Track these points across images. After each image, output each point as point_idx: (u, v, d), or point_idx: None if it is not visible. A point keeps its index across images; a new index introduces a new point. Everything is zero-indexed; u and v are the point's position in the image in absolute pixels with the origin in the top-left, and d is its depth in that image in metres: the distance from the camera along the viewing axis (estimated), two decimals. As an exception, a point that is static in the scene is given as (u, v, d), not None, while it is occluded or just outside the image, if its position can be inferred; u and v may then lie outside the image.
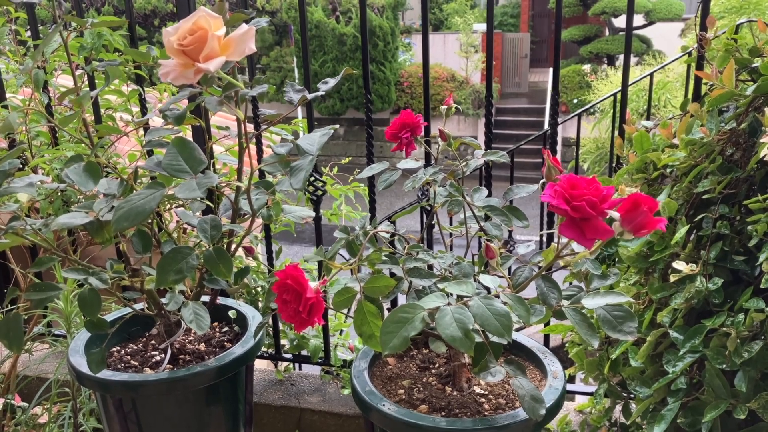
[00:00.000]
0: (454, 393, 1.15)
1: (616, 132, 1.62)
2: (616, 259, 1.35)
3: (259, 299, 1.94)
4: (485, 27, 1.54)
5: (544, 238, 3.61)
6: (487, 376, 0.96)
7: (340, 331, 2.05)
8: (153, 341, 1.41)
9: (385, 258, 1.09)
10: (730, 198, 1.14)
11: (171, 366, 1.30)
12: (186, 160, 1.04)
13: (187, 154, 1.04)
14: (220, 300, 1.51)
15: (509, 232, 1.24)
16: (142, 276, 1.27)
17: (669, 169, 1.26)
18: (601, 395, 1.32)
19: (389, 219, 2.52)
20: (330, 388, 1.90)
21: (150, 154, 1.65)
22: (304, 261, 1.33)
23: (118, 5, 12.07)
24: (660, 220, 0.83)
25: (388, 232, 1.16)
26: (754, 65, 1.22)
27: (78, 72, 1.56)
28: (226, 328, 1.49)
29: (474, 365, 0.99)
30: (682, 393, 1.11)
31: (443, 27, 15.43)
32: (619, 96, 1.60)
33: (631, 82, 3.04)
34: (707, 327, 1.08)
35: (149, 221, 1.27)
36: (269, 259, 1.83)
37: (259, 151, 1.75)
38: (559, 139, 1.69)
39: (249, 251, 1.55)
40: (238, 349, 1.31)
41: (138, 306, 1.37)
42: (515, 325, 0.90)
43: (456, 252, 1.16)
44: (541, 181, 1.01)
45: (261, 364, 2.33)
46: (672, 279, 1.14)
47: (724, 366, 1.04)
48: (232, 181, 1.21)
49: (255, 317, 1.44)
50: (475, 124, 12.36)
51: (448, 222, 2.02)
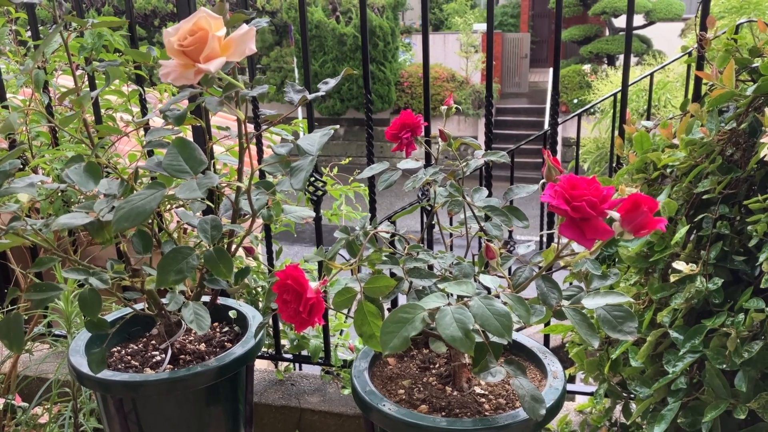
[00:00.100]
0: (455, 393, 1.15)
1: (617, 132, 1.62)
2: (616, 259, 1.35)
3: (259, 299, 1.95)
4: (485, 27, 1.54)
5: (544, 238, 3.61)
6: (487, 376, 0.97)
7: (341, 331, 2.05)
8: (153, 341, 1.41)
9: (385, 258, 1.10)
10: (730, 198, 1.14)
11: (171, 366, 1.30)
12: (186, 160, 1.04)
13: (188, 154, 1.04)
14: (221, 300, 1.51)
15: (509, 232, 1.24)
16: (143, 276, 1.27)
17: (669, 169, 1.26)
18: (601, 395, 1.32)
19: (389, 219, 2.52)
20: (330, 388, 1.91)
21: (150, 154, 1.65)
22: (305, 261, 1.33)
23: (118, 5, 12.07)
24: (660, 220, 0.83)
25: (388, 233, 1.16)
26: (754, 65, 1.22)
27: (78, 72, 1.56)
28: (226, 328, 1.49)
29: (474, 365, 0.99)
30: (682, 393, 1.11)
31: (443, 27, 15.44)
32: (619, 96, 1.60)
33: (631, 82, 3.04)
34: (707, 327, 1.08)
35: (150, 221, 1.27)
36: (269, 260, 1.83)
37: (260, 151, 1.75)
38: (559, 139, 1.69)
39: (249, 251, 1.55)
40: (238, 349, 1.31)
41: (138, 306, 1.37)
42: (515, 325, 0.90)
43: (456, 252, 1.16)
44: (542, 181, 1.01)
45: (261, 364, 2.33)
46: (672, 279, 1.14)
47: (724, 366, 1.04)
48: (233, 181, 1.21)
49: (255, 317, 1.44)
50: (476, 124, 12.37)
51: (449, 222, 2.02)
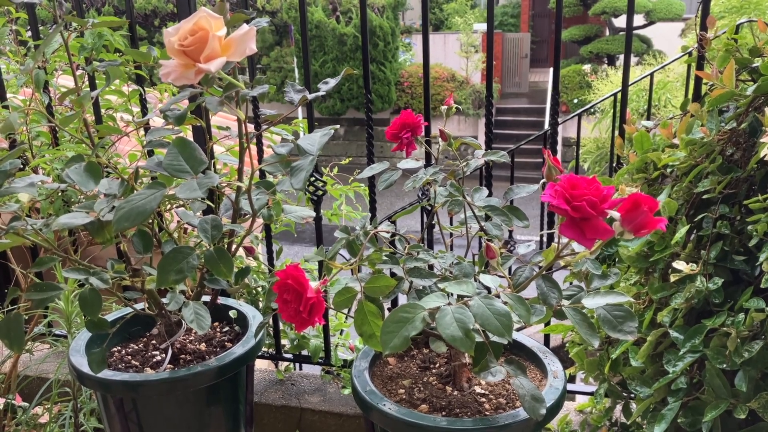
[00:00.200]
0: (455, 393, 1.15)
1: (617, 132, 1.62)
2: (616, 258, 1.35)
3: (259, 299, 1.95)
4: (485, 27, 1.54)
5: (544, 238, 3.61)
6: (487, 375, 0.97)
7: (341, 331, 2.05)
8: (154, 341, 1.41)
9: (385, 258, 1.10)
10: (730, 198, 1.14)
11: (172, 366, 1.30)
12: (187, 160, 1.04)
13: (188, 154, 1.04)
14: (221, 300, 1.51)
15: (509, 232, 1.24)
16: (143, 276, 1.27)
17: (669, 169, 1.26)
18: (601, 395, 1.32)
19: (390, 219, 2.52)
20: (330, 388, 1.91)
21: (151, 154, 1.65)
22: (305, 261, 1.33)
23: (118, 5, 12.07)
24: (660, 220, 0.83)
25: (388, 232, 1.16)
26: (755, 65, 1.22)
27: (78, 72, 1.56)
28: (226, 328, 1.49)
29: (474, 365, 0.99)
30: (683, 393, 1.11)
31: (443, 27, 15.44)
32: (620, 96, 1.60)
33: (631, 82, 3.04)
34: (707, 327, 1.08)
35: (150, 221, 1.27)
36: (270, 259, 1.83)
37: (260, 151, 1.75)
38: (559, 139, 1.69)
39: (250, 251, 1.55)
40: (238, 349, 1.31)
41: (139, 306, 1.37)
42: (515, 325, 0.91)
43: (456, 252, 1.16)
44: (542, 181, 1.01)
45: (261, 364, 2.33)
46: (672, 279, 1.14)
47: (725, 366, 1.04)
48: (233, 181, 1.21)
49: (255, 317, 1.44)
50: (476, 124, 12.37)
51: (449, 222, 2.02)
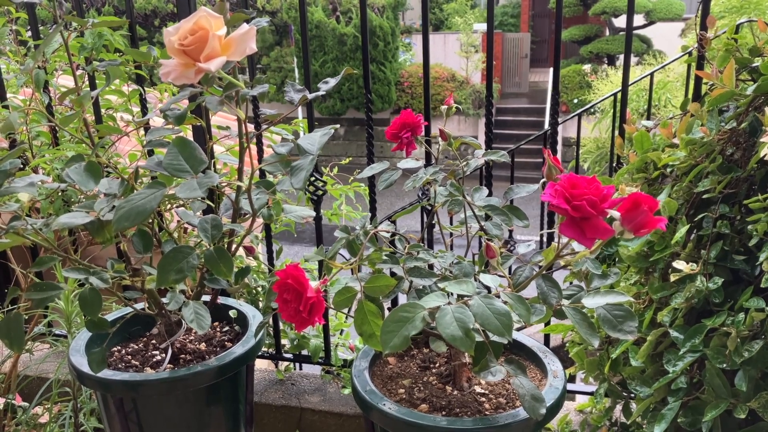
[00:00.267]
0: (455, 392, 1.15)
1: (617, 132, 1.62)
2: (616, 258, 1.35)
3: (259, 299, 1.95)
4: (485, 27, 1.54)
5: (544, 237, 3.61)
6: (487, 375, 0.97)
7: (341, 330, 2.05)
8: (154, 341, 1.41)
9: (385, 257, 1.10)
10: (730, 197, 1.14)
11: (172, 365, 1.30)
12: (187, 159, 1.04)
13: (188, 153, 1.04)
14: (221, 299, 1.51)
15: (509, 231, 1.24)
16: (143, 275, 1.27)
17: (669, 169, 1.26)
18: (601, 395, 1.32)
19: (390, 219, 2.52)
20: (330, 387, 1.91)
21: (151, 153, 1.65)
22: (305, 260, 1.33)
23: (118, 5, 12.08)
24: (660, 220, 0.83)
25: (388, 232, 1.16)
26: (755, 65, 1.22)
27: (79, 72, 1.56)
28: (226, 328, 1.49)
29: (474, 364, 0.99)
30: (683, 392, 1.11)
31: (443, 27, 15.44)
32: (620, 96, 1.60)
33: (631, 82, 3.04)
34: (707, 326, 1.08)
35: (150, 221, 1.27)
36: (270, 259, 1.83)
37: (260, 150, 1.75)
38: (559, 138, 1.69)
39: (250, 251, 1.55)
40: (238, 349, 1.31)
41: (139, 306, 1.37)
42: (515, 325, 0.91)
43: (456, 251, 1.16)
44: (542, 180, 1.01)
45: (261, 364, 2.33)
46: (672, 278, 1.14)
47: (725, 365, 1.04)
48: (233, 180, 1.21)
49: (255, 317, 1.44)
50: (476, 124, 12.37)
51: (449, 222, 2.02)
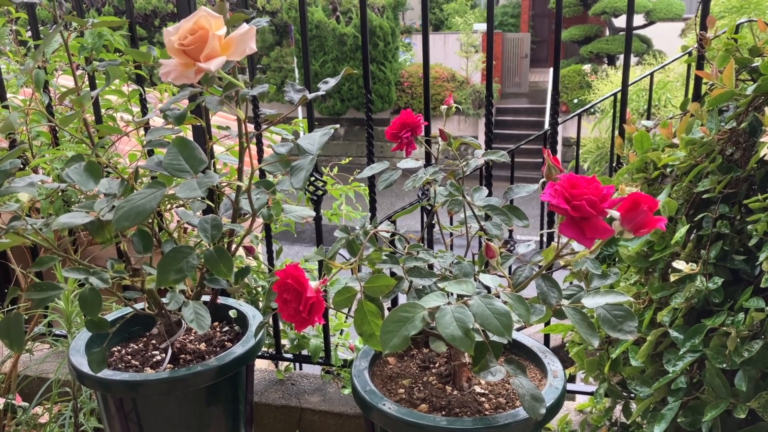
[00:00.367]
0: (455, 392, 1.15)
1: (617, 132, 1.62)
2: (616, 258, 1.35)
3: (259, 299, 1.95)
4: (485, 27, 1.54)
5: (544, 237, 3.61)
6: (487, 375, 0.97)
7: (341, 330, 2.05)
8: (154, 341, 1.41)
9: (385, 257, 1.10)
10: (730, 197, 1.14)
11: (172, 365, 1.30)
12: (187, 159, 1.04)
13: (188, 153, 1.04)
14: (221, 299, 1.51)
15: (509, 231, 1.24)
16: (143, 275, 1.27)
17: (669, 169, 1.26)
18: (601, 395, 1.32)
19: (389, 219, 2.52)
20: (330, 387, 1.91)
21: (150, 153, 1.65)
22: (305, 261, 1.33)
23: (118, 5, 12.08)
24: (660, 220, 0.83)
25: (388, 232, 1.16)
26: (754, 65, 1.22)
27: (78, 72, 1.56)
28: (226, 328, 1.49)
29: (474, 364, 0.99)
30: (683, 392, 1.11)
31: (443, 27, 15.43)
32: (620, 96, 1.60)
33: (631, 82, 3.04)
34: (707, 326, 1.08)
35: (150, 221, 1.27)
36: (270, 259, 1.83)
37: (260, 150, 1.75)
38: (559, 138, 1.69)
39: (249, 251, 1.55)
40: (238, 349, 1.31)
41: (139, 306, 1.37)
42: (515, 325, 0.90)
43: (456, 251, 1.16)
44: (542, 180, 1.01)
45: (261, 364, 2.33)
46: (672, 278, 1.14)
47: (725, 365, 1.04)
48: (233, 180, 1.21)
49: (255, 317, 1.44)
50: (476, 124, 12.37)
51: (449, 222, 2.02)
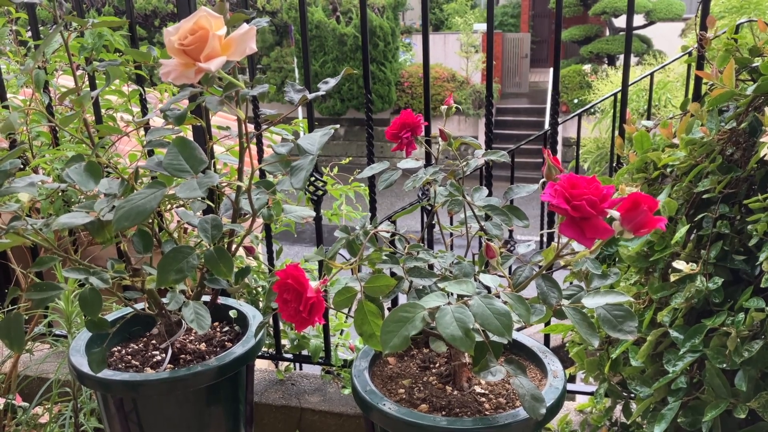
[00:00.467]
0: (455, 392, 1.15)
1: (617, 132, 1.62)
2: (616, 258, 1.35)
3: (259, 299, 1.95)
4: (485, 27, 1.54)
5: (544, 237, 3.61)
6: (487, 375, 0.97)
7: (341, 330, 2.05)
8: (154, 341, 1.41)
9: (385, 257, 1.10)
10: (730, 197, 1.14)
11: (172, 366, 1.30)
12: (187, 159, 1.04)
13: (188, 153, 1.04)
14: (221, 300, 1.51)
15: (509, 231, 1.24)
16: (143, 276, 1.27)
17: (669, 169, 1.26)
18: (601, 395, 1.32)
19: (390, 219, 2.52)
20: (330, 387, 1.91)
21: (151, 153, 1.65)
22: (305, 261, 1.33)
23: (118, 5, 12.08)
24: (660, 220, 0.83)
25: (388, 232, 1.16)
26: (754, 65, 1.22)
27: (79, 72, 1.56)
28: (226, 328, 1.49)
29: (474, 364, 0.99)
30: (683, 392, 1.11)
31: (443, 27, 15.43)
32: (620, 96, 1.60)
33: (631, 82, 3.04)
34: (707, 326, 1.08)
35: (150, 221, 1.27)
36: (270, 259, 1.83)
37: (260, 151, 1.75)
38: (559, 138, 1.69)
39: (250, 251, 1.55)
40: (238, 349, 1.31)
41: (139, 306, 1.38)
42: (515, 325, 0.91)
43: (456, 252, 1.16)
44: (542, 180, 1.01)
45: (261, 364, 2.33)
46: (672, 278, 1.14)
47: (725, 365, 1.04)
48: (233, 180, 1.21)
49: (256, 317, 1.44)
50: (476, 124, 12.36)
51: (449, 222, 2.02)
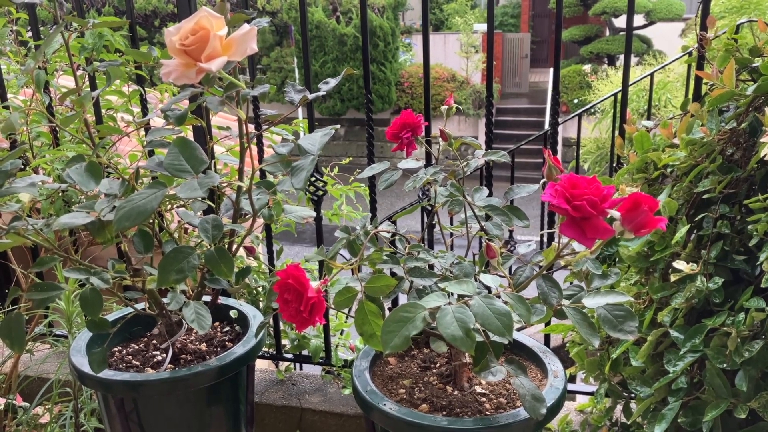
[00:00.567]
0: (455, 392, 1.15)
1: (617, 132, 1.62)
2: (616, 258, 1.35)
3: (260, 299, 1.95)
4: (485, 27, 1.54)
5: (544, 237, 3.61)
6: (488, 375, 0.97)
7: (341, 331, 2.05)
8: (154, 341, 1.41)
9: (386, 257, 1.10)
10: (730, 197, 1.14)
11: (172, 366, 1.30)
12: (187, 159, 1.04)
13: (189, 153, 1.04)
14: (222, 300, 1.51)
15: (510, 231, 1.24)
16: (144, 276, 1.27)
17: (669, 169, 1.26)
18: (601, 395, 1.32)
19: (390, 219, 2.52)
20: (331, 388, 1.91)
21: (151, 154, 1.65)
22: (306, 261, 1.33)
23: (118, 6, 12.08)
24: (660, 220, 0.83)
25: (388, 232, 1.16)
26: (755, 65, 1.22)
27: (79, 72, 1.56)
28: (227, 328, 1.49)
29: (475, 365, 0.99)
30: (683, 392, 1.11)
31: (444, 27, 15.43)
32: (620, 96, 1.60)
33: (631, 82, 3.04)
34: (708, 326, 1.08)
35: (151, 221, 1.27)
36: (270, 259, 1.83)
37: (260, 151, 1.75)
38: (559, 139, 1.69)
39: (250, 251, 1.55)
40: (239, 349, 1.31)
41: (139, 306, 1.38)
42: (516, 325, 0.91)
43: (457, 252, 1.16)
44: (542, 180, 1.01)
45: (262, 364, 2.33)
46: (672, 278, 1.14)
47: (725, 365, 1.04)
48: (234, 180, 1.21)
49: (256, 317, 1.44)
50: (476, 124, 12.36)
51: (449, 222, 2.02)
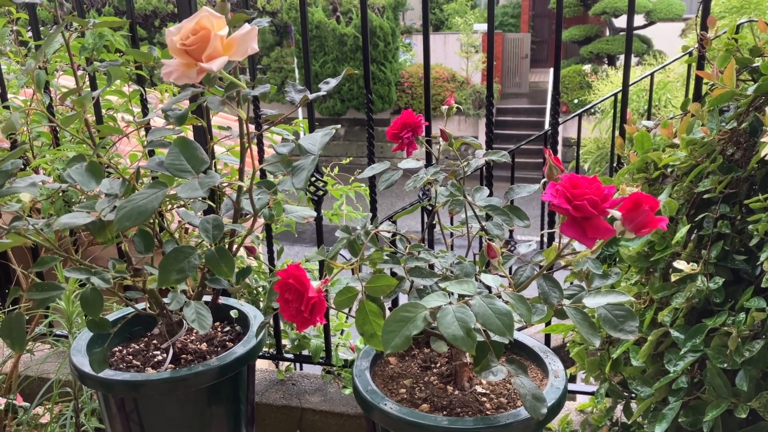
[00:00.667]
0: (456, 392, 1.15)
1: (617, 132, 1.62)
2: (617, 258, 1.35)
3: (260, 299, 1.95)
4: (486, 27, 1.54)
5: (545, 237, 3.61)
6: (488, 375, 0.97)
7: (342, 330, 2.05)
8: (155, 341, 1.41)
9: (386, 257, 1.10)
10: (730, 197, 1.15)
11: (173, 365, 1.30)
12: (188, 159, 1.04)
13: (190, 153, 1.04)
14: (222, 300, 1.51)
15: (510, 231, 1.24)
16: (144, 276, 1.27)
17: (670, 169, 1.26)
18: (602, 395, 1.32)
19: (390, 219, 2.52)
20: (331, 388, 1.91)
21: (152, 154, 1.66)
22: (306, 261, 1.33)
23: (118, 6, 12.08)
24: (661, 220, 0.83)
25: (389, 232, 1.16)
26: (755, 65, 1.22)
27: (79, 72, 1.56)
28: (227, 328, 1.49)
29: (475, 364, 0.99)
30: (684, 392, 1.11)
31: (444, 27, 15.43)
32: (620, 96, 1.60)
33: (631, 82, 3.04)
34: (708, 326, 1.08)
35: (151, 221, 1.27)
36: (271, 259, 1.83)
37: (261, 151, 1.75)
38: (559, 139, 1.69)
39: (251, 251, 1.55)
40: (239, 349, 1.31)
41: (140, 306, 1.38)
42: (517, 325, 0.91)
43: (457, 252, 1.16)
44: (543, 180, 1.01)
45: (262, 364, 2.33)
46: (673, 278, 1.14)
47: (726, 365, 1.04)
48: (234, 180, 1.21)
49: (257, 317, 1.44)
50: (476, 125, 12.37)
51: (449, 222, 2.02)
